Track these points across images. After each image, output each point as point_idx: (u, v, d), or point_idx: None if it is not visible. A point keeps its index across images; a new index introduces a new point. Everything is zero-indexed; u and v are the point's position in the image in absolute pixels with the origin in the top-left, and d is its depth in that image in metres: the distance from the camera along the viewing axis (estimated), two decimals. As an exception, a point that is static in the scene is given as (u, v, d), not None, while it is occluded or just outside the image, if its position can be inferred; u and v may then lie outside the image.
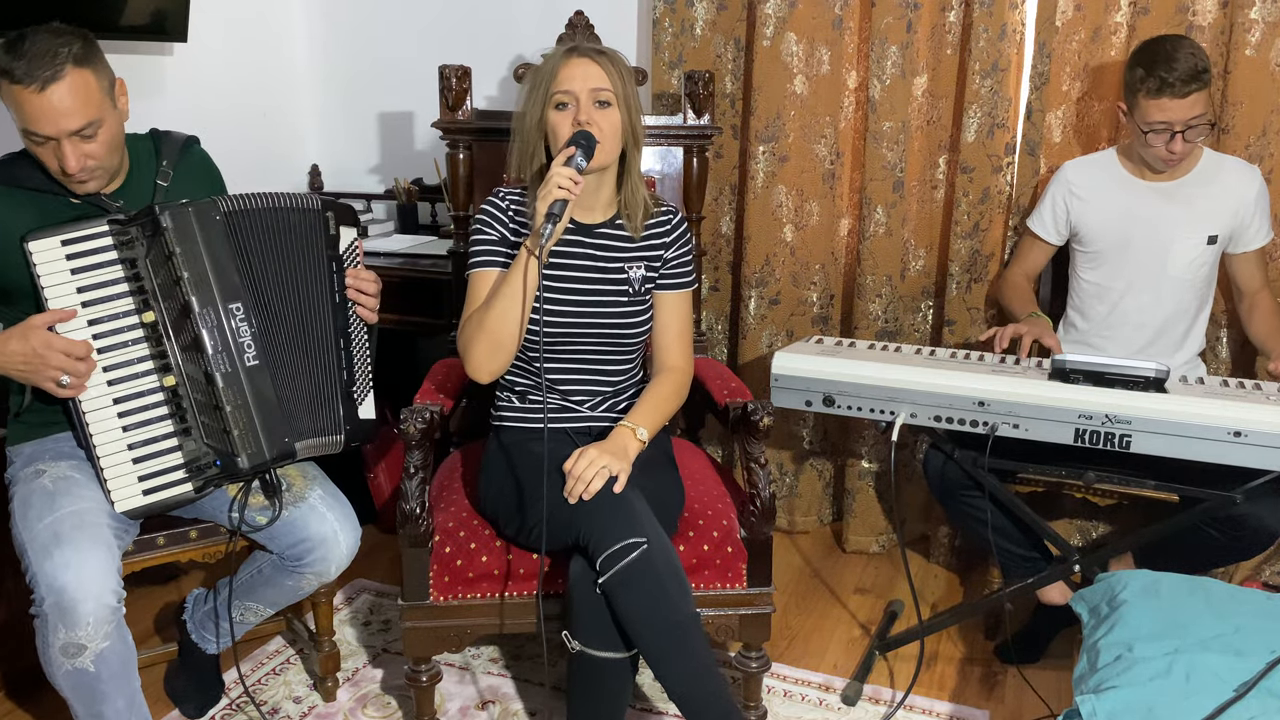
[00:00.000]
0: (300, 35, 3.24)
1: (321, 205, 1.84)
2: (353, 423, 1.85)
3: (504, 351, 1.77)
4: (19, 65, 1.57)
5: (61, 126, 1.61)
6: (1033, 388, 1.88)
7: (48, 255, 1.64)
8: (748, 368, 2.80)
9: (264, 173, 3.09)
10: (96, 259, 1.68)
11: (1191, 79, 2.01)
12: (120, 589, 1.62)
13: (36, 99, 1.58)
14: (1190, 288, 2.22)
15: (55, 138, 1.62)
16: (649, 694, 2.14)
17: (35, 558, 1.59)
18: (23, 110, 1.60)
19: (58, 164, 1.65)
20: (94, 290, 1.67)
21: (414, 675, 1.89)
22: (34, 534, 1.62)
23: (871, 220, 2.64)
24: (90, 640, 1.57)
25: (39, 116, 1.60)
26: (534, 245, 1.69)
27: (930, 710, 2.13)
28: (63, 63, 1.59)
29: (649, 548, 1.58)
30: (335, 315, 1.84)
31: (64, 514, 1.63)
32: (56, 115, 1.60)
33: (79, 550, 1.58)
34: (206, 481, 1.74)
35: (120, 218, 1.70)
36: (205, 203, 1.73)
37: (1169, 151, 2.09)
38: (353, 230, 1.90)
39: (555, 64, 1.79)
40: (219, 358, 1.71)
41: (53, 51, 1.59)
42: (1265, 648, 1.42)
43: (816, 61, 2.61)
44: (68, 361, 1.62)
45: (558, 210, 1.65)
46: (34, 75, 1.57)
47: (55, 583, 1.56)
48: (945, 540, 2.74)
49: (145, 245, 1.69)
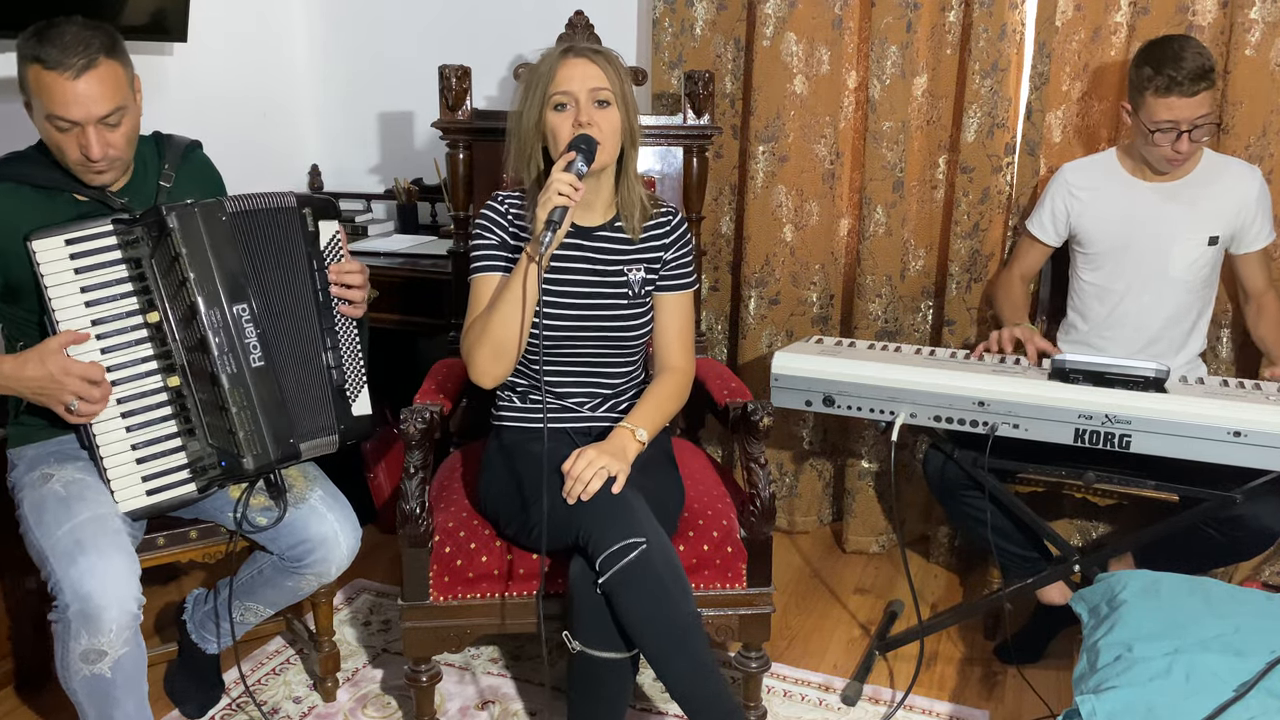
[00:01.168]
0: (300, 35, 3.23)
1: (297, 201, 1.83)
2: (347, 421, 1.85)
3: (507, 357, 1.77)
4: (51, 52, 1.60)
5: (91, 112, 1.63)
6: (1033, 388, 1.88)
7: (51, 255, 1.64)
8: (748, 368, 2.80)
9: (264, 173, 3.09)
10: (100, 258, 1.68)
11: (1199, 78, 2.01)
12: (141, 595, 1.62)
13: (69, 85, 1.61)
14: (1191, 289, 2.21)
15: (82, 123, 1.64)
16: (649, 694, 2.14)
17: (58, 564, 1.59)
18: (53, 96, 1.61)
19: (78, 152, 1.66)
20: (98, 290, 1.67)
21: (414, 675, 1.89)
22: (54, 541, 1.61)
23: (871, 220, 2.64)
24: (111, 647, 1.57)
25: (70, 102, 1.62)
26: (535, 252, 1.68)
27: (930, 710, 2.13)
28: (96, 52, 1.63)
29: (649, 547, 1.58)
30: (320, 314, 1.83)
31: (83, 520, 1.62)
32: (88, 101, 1.62)
33: (103, 556, 1.58)
34: (210, 482, 1.74)
35: (125, 217, 1.70)
36: (211, 203, 1.74)
37: (1175, 151, 2.08)
38: (333, 223, 1.88)
39: (553, 64, 1.77)
40: (225, 359, 1.71)
41: (85, 41, 1.62)
42: (1265, 648, 1.42)
43: (816, 61, 2.61)
44: (82, 386, 1.62)
45: (558, 217, 1.64)
46: (68, 63, 1.60)
47: (81, 589, 1.55)
48: (945, 540, 2.74)
49: (150, 245, 1.69)
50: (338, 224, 1.89)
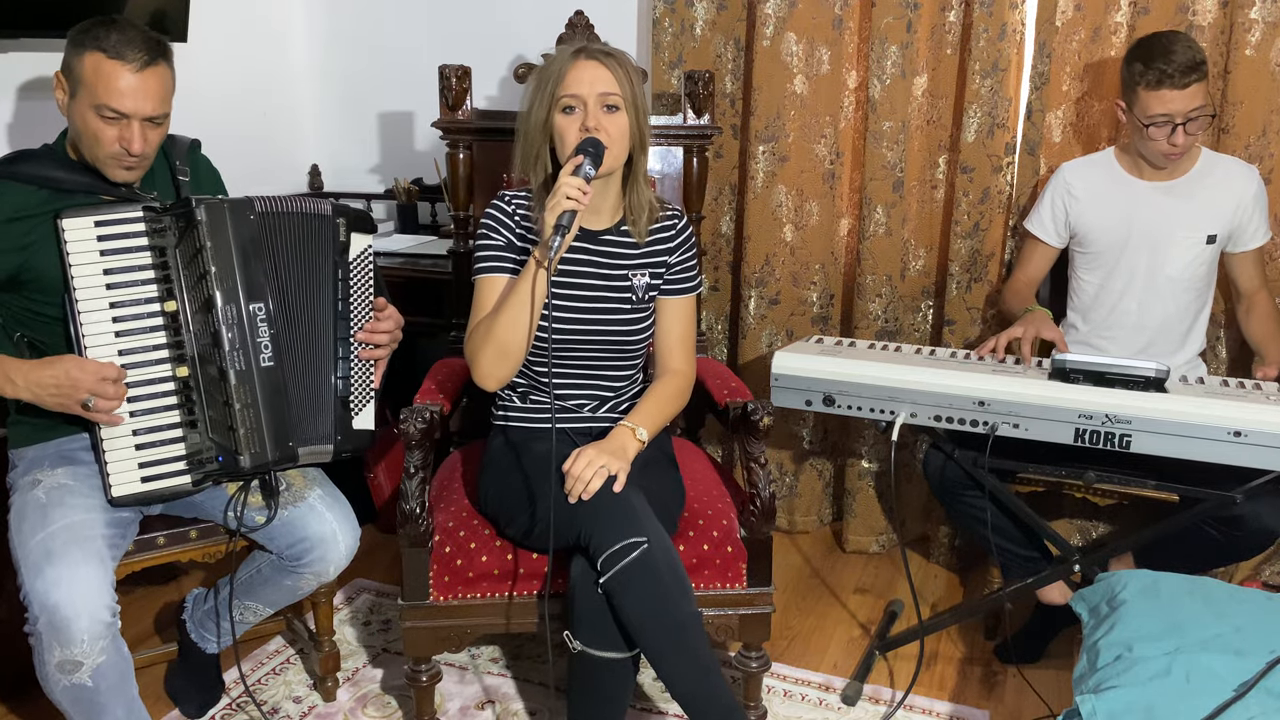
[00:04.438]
0: (300, 35, 3.23)
1: (333, 211, 1.85)
2: (346, 432, 1.85)
3: (511, 360, 1.76)
4: (119, 43, 1.63)
5: (142, 108, 1.66)
6: (1033, 388, 1.88)
7: (80, 234, 1.65)
8: (748, 368, 2.80)
9: (264, 173, 3.09)
10: (127, 243, 1.68)
11: (1190, 69, 2.02)
12: (114, 603, 1.61)
13: (130, 76, 1.64)
14: (1189, 288, 2.22)
15: (130, 116, 1.66)
16: (649, 694, 2.14)
17: (27, 576, 1.58)
18: (111, 84, 1.63)
19: (116, 145, 1.68)
20: (120, 274, 1.68)
21: (414, 675, 1.89)
22: (27, 550, 1.61)
23: (871, 220, 2.64)
24: (86, 656, 1.56)
25: (127, 93, 1.64)
26: (543, 257, 1.67)
27: (930, 710, 2.13)
28: (158, 53, 1.68)
29: (650, 547, 1.58)
30: (337, 324, 1.84)
31: (56, 529, 1.62)
32: (143, 97, 1.66)
33: (71, 566, 1.57)
34: (206, 476, 1.74)
35: (155, 205, 1.71)
36: (240, 200, 1.75)
37: (1171, 144, 2.09)
38: (366, 238, 1.89)
39: (562, 65, 1.75)
40: (235, 355, 1.71)
41: (150, 42, 1.67)
42: (1265, 648, 1.42)
43: (816, 61, 2.61)
44: (97, 383, 1.62)
45: (566, 222, 1.63)
46: (133, 55, 1.64)
47: (48, 601, 1.54)
48: (945, 540, 2.74)
49: (176, 235, 1.71)
50: (370, 239, 1.90)
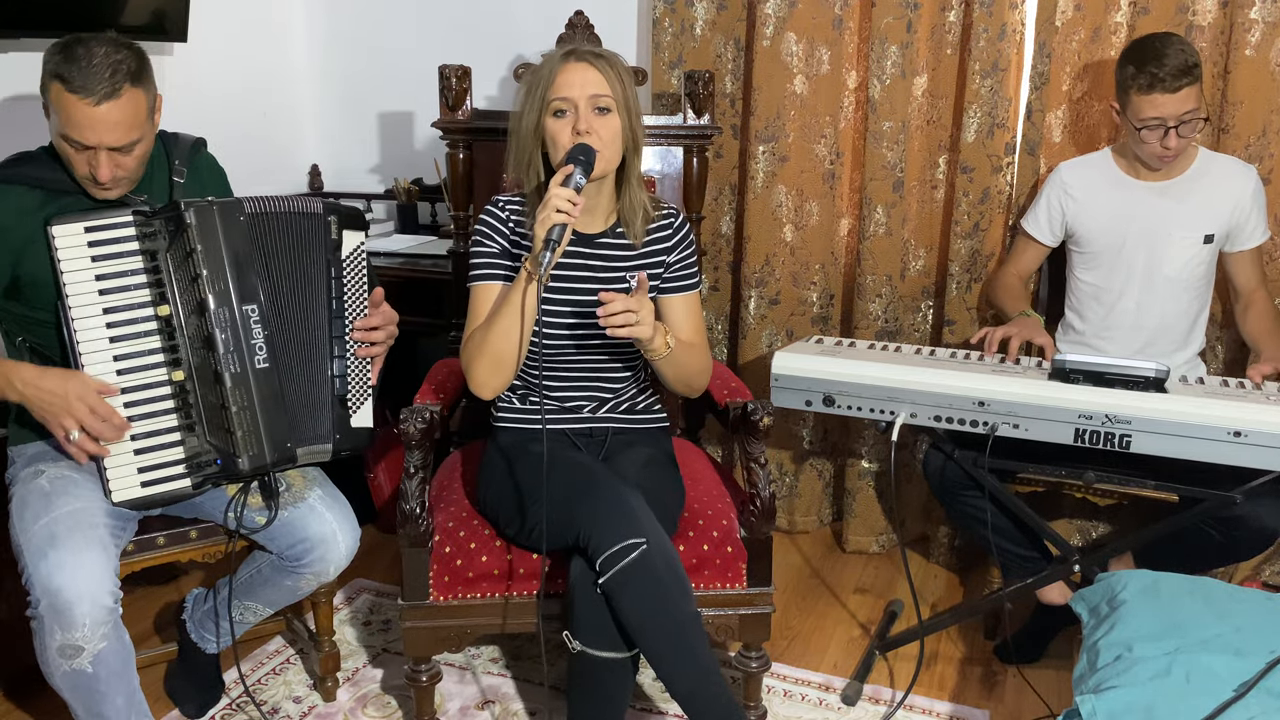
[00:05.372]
0: (300, 35, 3.23)
1: (324, 209, 1.84)
2: (344, 431, 1.85)
3: (506, 369, 1.75)
4: (76, 74, 1.58)
5: (105, 140, 1.62)
6: (1033, 388, 1.88)
7: (70, 241, 1.65)
8: (748, 368, 2.80)
9: (264, 173, 3.09)
10: (118, 248, 1.68)
11: (1182, 74, 2.01)
12: (117, 589, 1.61)
13: (88, 110, 1.59)
14: (1188, 287, 2.21)
15: (95, 147, 1.63)
16: (649, 694, 2.14)
17: (31, 559, 1.59)
18: (70, 118, 1.60)
19: (87, 170, 1.66)
20: (112, 279, 1.68)
21: (414, 675, 1.89)
22: (30, 535, 1.62)
23: (871, 220, 2.64)
24: (87, 641, 1.57)
25: (86, 127, 1.60)
26: (534, 269, 1.65)
27: (930, 710, 2.13)
28: (121, 80, 1.61)
29: (649, 547, 1.58)
30: (332, 323, 1.84)
31: (60, 514, 1.63)
32: (103, 130, 1.61)
33: (74, 551, 1.58)
34: (205, 479, 1.74)
35: (145, 209, 1.70)
36: (230, 202, 1.74)
37: (1163, 148, 2.09)
38: (358, 234, 1.88)
39: (553, 68, 1.74)
40: (229, 357, 1.71)
41: (112, 67, 1.60)
42: (1265, 648, 1.42)
43: (816, 61, 2.61)
44: (87, 415, 1.62)
45: (557, 235, 1.60)
46: (92, 89, 1.58)
47: (50, 584, 1.55)
48: (945, 540, 2.74)
49: (167, 239, 1.70)
50: (363, 235, 1.89)
